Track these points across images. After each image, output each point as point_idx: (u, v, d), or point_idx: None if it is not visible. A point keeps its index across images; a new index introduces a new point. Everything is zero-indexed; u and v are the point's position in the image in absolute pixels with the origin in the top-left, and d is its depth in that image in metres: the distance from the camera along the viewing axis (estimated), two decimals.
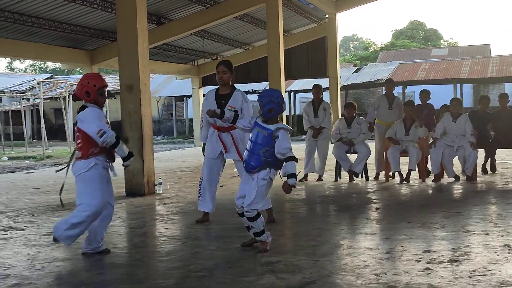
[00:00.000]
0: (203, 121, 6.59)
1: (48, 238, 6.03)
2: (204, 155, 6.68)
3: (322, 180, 10.34)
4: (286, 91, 19.44)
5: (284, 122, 16.31)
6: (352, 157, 10.24)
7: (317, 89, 10.55)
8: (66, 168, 5.31)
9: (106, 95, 5.33)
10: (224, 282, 4.16)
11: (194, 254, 5.14)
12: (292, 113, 32.78)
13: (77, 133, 5.14)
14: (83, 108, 5.14)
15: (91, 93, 5.12)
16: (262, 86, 30.96)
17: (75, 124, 5.27)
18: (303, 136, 28.36)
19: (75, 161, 5.19)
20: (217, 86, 6.46)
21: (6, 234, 6.35)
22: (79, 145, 5.13)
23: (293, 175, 5.01)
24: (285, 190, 5.09)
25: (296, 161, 5.08)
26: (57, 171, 5.40)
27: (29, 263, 4.99)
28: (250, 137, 5.21)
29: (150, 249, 5.69)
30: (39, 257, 5.23)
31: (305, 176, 10.48)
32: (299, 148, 18.89)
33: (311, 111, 10.40)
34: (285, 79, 17.03)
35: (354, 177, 10.16)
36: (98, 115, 5.11)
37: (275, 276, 4.28)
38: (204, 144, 6.65)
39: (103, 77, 5.39)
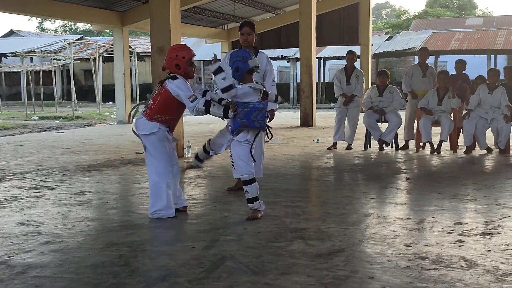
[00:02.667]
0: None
1: (79, 198, 6.11)
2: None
3: (352, 148, 10.26)
4: (316, 58, 19.20)
5: (314, 88, 16.17)
6: (383, 126, 10.11)
7: (351, 55, 10.38)
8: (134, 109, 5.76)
9: (195, 65, 5.32)
10: (253, 247, 4.15)
11: (223, 218, 5.15)
12: (322, 80, 32.48)
13: (157, 95, 5.16)
14: (174, 77, 5.11)
15: (181, 65, 5.11)
16: (292, 52, 30.71)
17: (159, 83, 5.26)
18: (332, 104, 28.26)
19: (140, 117, 5.27)
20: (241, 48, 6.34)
21: (37, 193, 6.43)
22: (152, 106, 5.17)
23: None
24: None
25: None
26: (137, 153, 5.36)
27: (60, 221, 5.05)
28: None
29: (179, 212, 5.71)
30: (70, 216, 5.29)
31: (334, 144, 10.39)
32: (327, 116, 18.83)
33: (343, 78, 10.26)
34: (316, 46, 16.84)
35: (384, 146, 10.05)
36: (188, 85, 5.13)
37: (304, 243, 4.26)
38: None
39: (189, 47, 5.32)
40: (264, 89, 5.27)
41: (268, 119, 6.12)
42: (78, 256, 4.04)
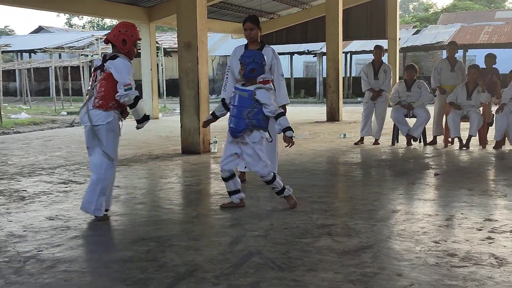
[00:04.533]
0: (228, 77, 6.44)
1: None
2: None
3: (379, 144, 10.17)
4: (342, 52, 19.07)
5: (340, 83, 16.07)
6: (411, 121, 10.01)
7: (378, 49, 10.29)
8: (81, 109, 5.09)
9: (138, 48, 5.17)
10: (280, 243, 4.14)
11: (250, 213, 5.14)
12: (348, 74, 32.28)
13: (103, 81, 4.88)
14: (114, 57, 4.91)
15: (127, 42, 4.95)
16: (318, 46, 30.56)
17: (97, 68, 5.02)
18: (359, 99, 28.08)
19: (93, 109, 4.92)
20: (246, 43, 6.31)
21: (66, 187, 6.50)
22: (102, 95, 4.90)
23: (289, 128, 5.07)
24: (287, 142, 5.14)
25: (283, 114, 5.13)
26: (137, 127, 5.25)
27: (88, 216, 5.08)
28: (232, 103, 5.23)
29: (206, 207, 5.73)
30: None
31: (361, 139, 10.32)
32: (354, 111, 18.71)
33: (371, 72, 10.18)
34: (343, 40, 16.72)
35: (412, 141, 9.95)
36: (130, 69, 4.92)
37: (331, 239, 4.24)
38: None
39: (138, 31, 5.17)
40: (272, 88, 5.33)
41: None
42: (106, 251, 4.08)
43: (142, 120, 5.07)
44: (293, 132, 5.11)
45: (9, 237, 4.41)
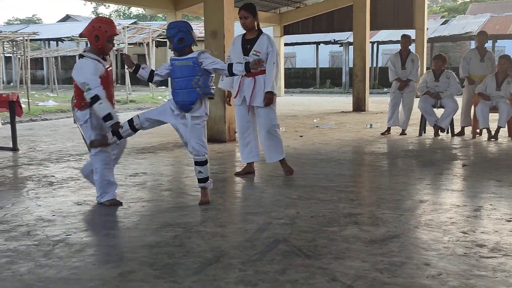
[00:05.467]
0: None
1: (134, 179, 6.21)
2: (227, 103, 6.69)
3: (406, 134, 10.09)
4: (369, 42, 18.90)
5: (367, 73, 15.95)
6: (438, 112, 9.90)
7: (405, 39, 10.18)
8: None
9: (114, 44, 5.16)
10: (306, 231, 4.14)
11: (275, 201, 5.14)
12: (375, 65, 32.02)
13: (74, 81, 4.95)
14: (81, 57, 4.96)
15: (100, 38, 4.91)
16: (345, 36, 30.37)
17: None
18: (385, 89, 27.86)
19: (76, 110, 5.02)
20: (245, 32, 6.24)
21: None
22: (74, 94, 5.00)
23: (246, 68, 4.87)
24: (255, 66, 4.87)
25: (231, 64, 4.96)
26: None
27: None
28: (171, 77, 5.02)
29: (232, 194, 5.75)
30: (125, 196, 5.38)
31: (388, 129, 10.25)
32: (381, 101, 18.57)
33: (398, 62, 10.08)
34: (370, 30, 16.57)
35: (439, 132, 9.85)
36: (94, 68, 4.86)
37: (358, 228, 4.22)
38: (228, 92, 6.55)
39: (115, 24, 5.14)
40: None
41: (266, 101, 6.10)
42: (133, 236, 4.11)
43: (106, 119, 4.81)
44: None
45: (38, 221, 4.47)
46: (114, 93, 5.27)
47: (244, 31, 6.21)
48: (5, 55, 34.83)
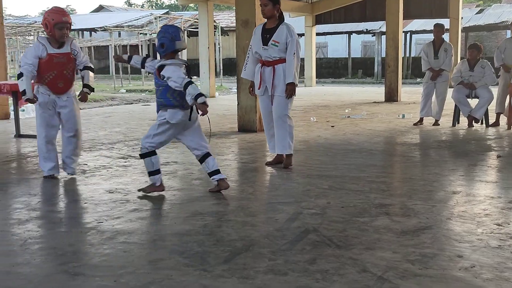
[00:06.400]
0: (249, 56, 6.29)
1: (165, 168, 6.23)
2: (250, 93, 6.50)
3: (439, 124, 9.93)
4: (402, 31, 18.63)
5: (400, 63, 15.75)
6: (473, 102, 9.73)
7: (438, 28, 10.00)
8: None
9: (66, 30, 5.57)
10: (337, 221, 4.11)
11: (306, 191, 5.12)
12: (408, 54, 31.62)
13: None
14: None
15: (48, 26, 5.50)
16: (377, 25, 30.04)
17: None
18: (418, 79, 27.50)
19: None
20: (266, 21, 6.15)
21: (125, 162, 6.63)
22: None
23: (200, 94, 4.57)
24: (201, 110, 4.61)
25: (191, 83, 4.66)
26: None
27: None
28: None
29: (262, 184, 5.74)
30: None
31: (421, 119, 10.11)
32: (413, 91, 18.34)
33: (431, 51, 9.92)
34: (403, 19, 16.34)
35: (473, 123, 9.68)
36: (34, 50, 5.54)
37: (389, 219, 4.17)
38: (251, 82, 6.37)
39: (65, 11, 5.69)
40: (186, 63, 4.91)
41: (288, 92, 5.99)
42: (164, 224, 4.14)
43: (22, 94, 5.48)
44: (205, 97, 4.65)
45: (71, 209, 4.52)
46: (146, 82, 5.32)
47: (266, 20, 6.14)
48: None
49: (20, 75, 5.47)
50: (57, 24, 5.48)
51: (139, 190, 5.10)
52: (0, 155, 7.18)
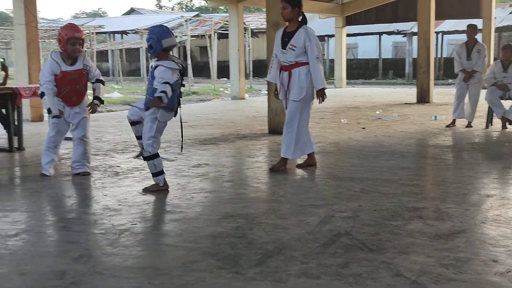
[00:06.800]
0: (273, 60, 6.25)
1: (196, 170, 6.28)
2: (275, 96, 6.44)
3: (472, 126, 9.81)
4: (434, 32, 18.39)
5: (431, 64, 15.59)
6: (506, 104, 9.58)
7: (471, 28, 9.88)
8: None
9: (79, 46, 5.85)
10: (369, 224, 4.08)
11: (337, 194, 5.10)
12: (439, 55, 31.27)
13: None
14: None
15: (61, 41, 5.81)
16: (408, 26, 29.78)
17: None
18: (450, 80, 27.16)
19: None
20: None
21: None
22: None
23: (164, 92, 4.86)
24: (152, 102, 4.95)
25: (170, 85, 4.92)
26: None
27: (179, 192, 5.22)
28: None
29: (293, 186, 5.74)
30: (188, 187, 5.45)
31: (453, 121, 9.99)
32: (445, 92, 18.13)
33: (463, 52, 9.80)
34: (435, 19, 16.17)
35: (507, 124, 9.53)
36: (49, 67, 5.79)
37: (422, 222, 4.13)
38: (276, 85, 6.33)
39: (78, 28, 6.00)
40: (180, 67, 5.07)
41: (320, 99, 5.96)
42: (196, 226, 4.16)
43: (48, 112, 5.87)
44: (166, 97, 4.88)
45: (105, 211, 4.59)
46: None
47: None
48: None
49: (42, 95, 5.78)
50: (69, 39, 5.78)
51: (143, 190, 5.24)
52: (35, 157, 7.30)
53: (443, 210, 4.48)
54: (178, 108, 5.29)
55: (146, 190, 5.23)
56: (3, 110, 8.22)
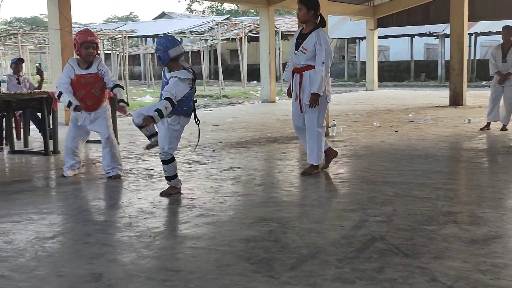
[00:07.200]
0: (290, 60, 6.25)
1: (228, 173, 6.31)
2: (288, 95, 6.45)
3: (507, 129, 9.65)
4: (468, 34, 18.14)
5: (465, 66, 15.39)
6: None
7: (507, 30, 9.73)
8: None
9: (92, 50, 6.05)
10: (403, 229, 4.05)
11: (371, 198, 5.07)
12: (472, 57, 30.84)
13: None
14: None
15: (76, 46, 6.06)
16: (441, 28, 29.47)
17: None
18: (483, 82, 26.77)
19: None
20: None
21: (190, 167, 6.73)
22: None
23: (158, 111, 4.87)
24: (144, 120, 5.01)
25: (170, 103, 4.91)
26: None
27: (212, 195, 5.26)
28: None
29: (326, 190, 5.72)
30: (221, 190, 5.48)
31: (488, 124, 9.85)
32: (479, 95, 17.88)
33: (499, 55, 9.65)
34: (468, 21, 15.96)
35: None
36: (66, 72, 6.07)
37: (458, 227, 4.09)
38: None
39: (91, 32, 6.22)
40: (192, 76, 5.09)
41: (311, 102, 5.87)
42: (230, 229, 4.18)
43: (68, 106, 6.08)
44: (159, 117, 4.88)
45: (140, 213, 4.64)
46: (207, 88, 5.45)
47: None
48: (105, 52, 36.33)
49: (60, 94, 6.03)
50: (83, 43, 6.00)
51: (161, 194, 5.29)
52: None
53: (479, 214, 4.42)
54: (194, 112, 5.34)
55: (165, 194, 5.27)
56: (39, 114, 8.41)
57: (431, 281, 3.07)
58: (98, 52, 6.42)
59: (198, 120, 5.34)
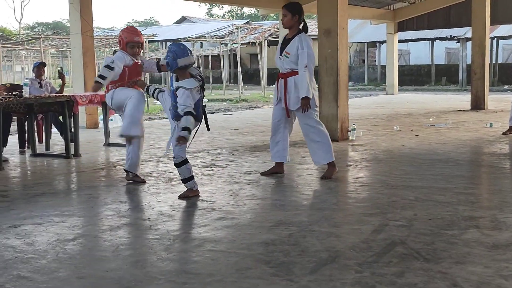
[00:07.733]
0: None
1: (248, 177, 6.31)
2: None
3: None
4: (489, 37, 17.96)
5: (487, 70, 15.24)
6: None
7: None
8: None
9: (138, 49, 6.09)
10: (424, 234, 4.02)
11: (391, 202, 5.03)
12: (494, 61, 30.55)
13: None
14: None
15: (121, 43, 6.08)
16: (462, 32, 29.27)
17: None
18: (505, 86, 26.51)
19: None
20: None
21: (209, 171, 6.75)
22: None
23: (186, 128, 5.05)
24: (177, 140, 5.12)
25: (193, 116, 5.10)
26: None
27: (231, 199, 5.26)
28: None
29: (345, 194, 5.70)
30: (240, 193, 5.48)
31: (510, 129, 9.73)
32: (501, 99, 17.70)
33: None
34: (490, 24, 15.82)
35: None
36: (123, 57, 5.98)
37: (479, 232, 4.04)
38: None
39: (138, 31, 6.23)
40: (200, 82, 5.23)
41: (303, 107, 5.91)
42: (249, 233, 4.18)
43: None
44: (189, 133, 5.06)
45: (159, 216, 4.66)
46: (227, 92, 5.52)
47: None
48: None
49: (107, 67, 5.90)
50: (129, 43, 6.05)
51: (179, 197, 5.31)
52: (91, 163, 7.48)
53: (501, 219, 4.37)
54: (205, 118, 5.49)
55: (184, 197, 5.30)
56: (61, 118, 8.49)
57: (452, 286, 3.04)
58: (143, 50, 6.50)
59: (208, 127, 5.53)
